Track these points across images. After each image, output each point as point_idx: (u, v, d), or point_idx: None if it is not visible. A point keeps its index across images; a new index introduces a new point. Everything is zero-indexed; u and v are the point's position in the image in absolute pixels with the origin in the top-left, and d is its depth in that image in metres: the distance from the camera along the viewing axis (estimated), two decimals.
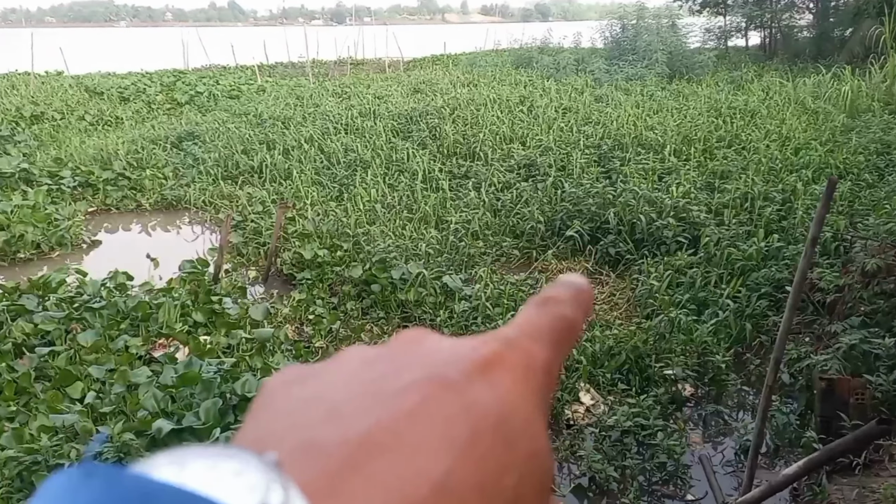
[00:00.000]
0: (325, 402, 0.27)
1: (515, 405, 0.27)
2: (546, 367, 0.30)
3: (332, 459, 0.24)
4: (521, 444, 0.26)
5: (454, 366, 0.27)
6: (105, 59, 31.81)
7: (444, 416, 0.25)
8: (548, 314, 0.32)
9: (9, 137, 13.30)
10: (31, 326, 5.35)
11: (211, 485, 0.20)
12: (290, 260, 7.37)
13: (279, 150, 11.68)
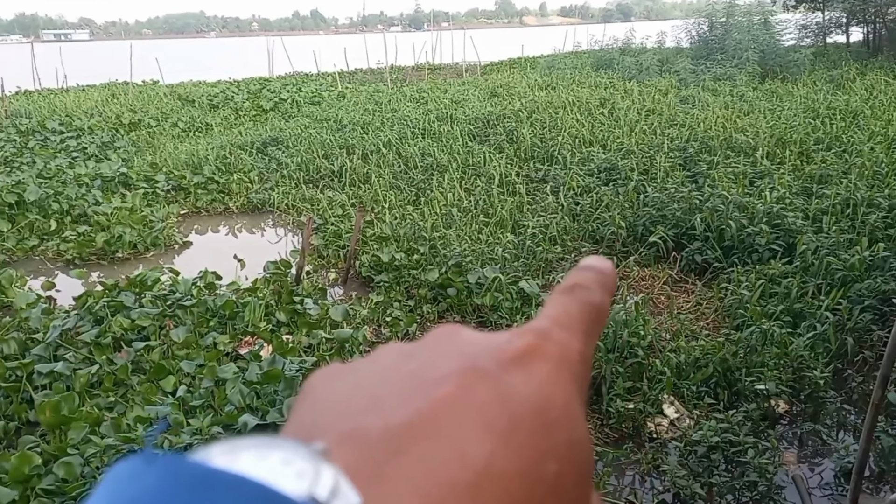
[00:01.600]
0: (365, 393, 0.28)
1: (553, 394, 0.27)
2: (581, 356, 0.30)
3: (376, 446, 0.24)
4: (561, 432, 0.26)
5: (490, 356, 0.28)
6: (196, 69, 33.29)
7: (482, 404, 0.26)
8: (577, 302, 0.32)
9: (110, 143, 14.10)
10: (128, 322, 5.61)
11: (262, 472, 0.21)
12: (368, 263, 7.46)
13: (358, 155, 11.88)
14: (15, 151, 13.06)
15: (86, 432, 4.06)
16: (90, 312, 5.84)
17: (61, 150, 13.37)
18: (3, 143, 13.72)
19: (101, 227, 8.86)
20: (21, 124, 15.36)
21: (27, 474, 3.63)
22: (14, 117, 16.33)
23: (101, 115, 16.78)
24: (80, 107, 17.91)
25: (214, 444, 0.23)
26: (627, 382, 4.92)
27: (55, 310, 6.25)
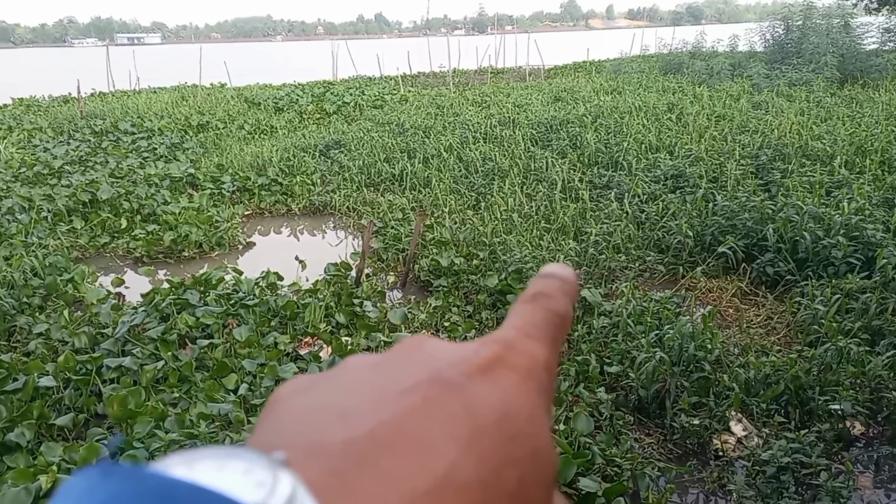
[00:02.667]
0: (331, 406, 0.28)
1: (518, 403, 0.28)
2: (546, 365, 0.30)
3: (338, 457, 0.25)
4: (524, 440, 0.27)
5: (456, 368, 0.28)
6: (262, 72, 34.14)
7: (447, 415, 0.26)
8: (541, 310, 0.32)
9: (179, 144, 14.54)
10: (193, 319, 5.74)
11: (220, 482, 0.22)
12: (427, 267, 7.44)
13: (419, 159, 11.90)
14: (89, 151, 13.60)
15: (151, 426, 4.15)
16: (157, 309, 5.99)
17: (133, 151, 13.85)
18: (78, 143, 14.32)
19: (168, 227, 9.12)
20: (95, 125, 16.00)
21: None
22: (89, 118, 17.03)
23: (171, 117, 17.33)
24: (151, 108, 18.54)
25: (173, 455, 0.23)
26: (693, 397, 4.75)
27: (124, 306, 6.45)
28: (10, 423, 4.17)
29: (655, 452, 4.48)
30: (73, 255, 8.39)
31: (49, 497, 3.46)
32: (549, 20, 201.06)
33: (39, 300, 6.60)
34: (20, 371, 4.85)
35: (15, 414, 4.30)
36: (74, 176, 11.19)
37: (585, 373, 5.04)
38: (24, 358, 5.28)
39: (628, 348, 5.33)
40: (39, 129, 15.97)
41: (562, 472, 3.64)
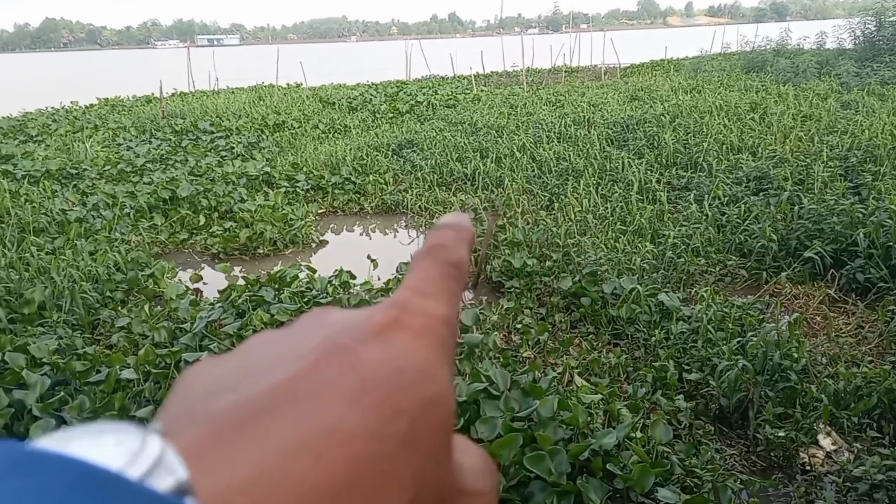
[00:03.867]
0: (226, 379, 0.29)
1: (409, 359, 0.28)
2: (444, 319, 0.30)
3: (219, 421, 0.25)
4: (415, 391, 0.27)
5: (348, 332, 0.29)
6: (337, 72, 34.77)
7: (335, 375, 0.27)
8: (436, 265, 0.32)
9: (255, 144, 14.93)
10: (268, 316, 5.82)
11: (88, 452, 0.22)
12: (499, 268, 7.35)
13: (491, 158, 11.82)
14: (170, 150, 14.12)
15: None
16: (233, 305, 6.12)
17: (211, 150, 14.31)
18: (159, 142, 14.90)
19: (244, 224, 9.34)
20: (176, 124, 16.63)
21: None
22: (170, 118, 17.71)
23: (248, 117, 17.83)
24: (229, 108, 19.13)
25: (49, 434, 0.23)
26: (778, 408, 4.50)
27: (202, 301, 6.63)
28: (94, 414, 4.32)
29: (738, 464, 4.27)
30: (153, 250, 8.70)
31: None
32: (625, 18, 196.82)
33: (122, 294, 6.87)
34: (103, 363, 5.03)
35: (98, 405, 4.46)
36: (156, 174, 11.63)
37: (663, 379, 4.85)
38: (106, 350, 5.48)
39: (708, 355, 5.10)
40: (123, 129, 16.71)
41: (639, 481, 3.49)
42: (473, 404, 4.04)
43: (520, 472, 3.54)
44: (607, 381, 5.03)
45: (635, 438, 3.98)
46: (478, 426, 3.82)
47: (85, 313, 6.28)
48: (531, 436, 3.72)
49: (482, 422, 3.83)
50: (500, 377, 4.22)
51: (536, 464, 3.48)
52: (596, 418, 4.25)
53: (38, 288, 6.20)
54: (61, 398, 4.49)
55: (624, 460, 3.74)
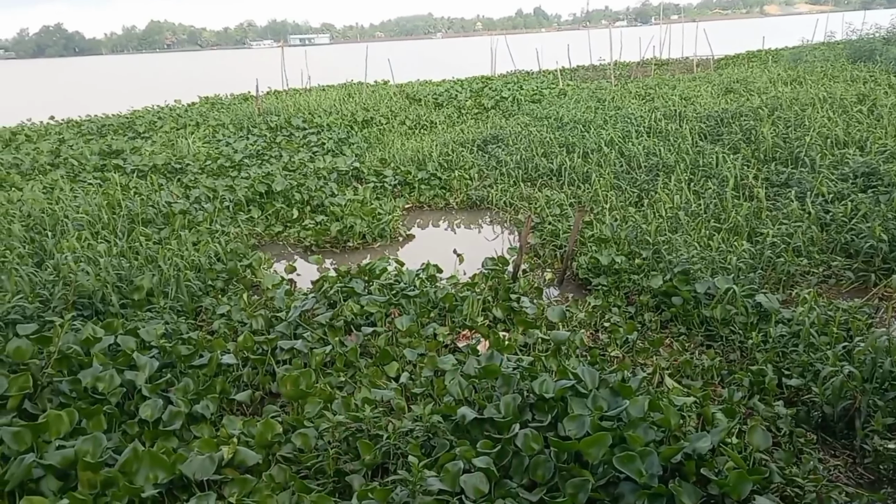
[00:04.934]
0: None
1: None
2: None
3: None
4: None
5: None
6: (423, 69, 35.06)
7: None
8: None
9: (345, 140, 15.29)
10: (358, 307, 5.98)
11: None
12: (585, 264, 7.25)
13: (578, 154, 11.65)
14: (265, 146, 14.66)
15: (320, 407, 4.36)
16: (325, 296, 6.31)
17: (303, 146, 14.75)
18: (255, 138, 15.48)
19: (335, 218, 9.60)
20: (271, 121, 17.24)
21: (270, 441, 3.98)
22: (265, 115, 18.36)
23: (338, 114, 18.27)
24: (320, 105, 19.64)
25: None
26: (888, 418, 4.23)
27: (295, 291, 6.86)
28: (197, 396, 4.57)
29: (843, 476, 4.05)
30: (250, 242, 9.09)
31: (230, 466, 3.73)
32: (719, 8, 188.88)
33: (222, 283, 7.21)
34: (205, 348, 5.31)
35: (201, 388, 4.72)
36: (252, 169, 12.12)
37: (761, 384, 4.66)
38: (208, 336, 5.78)
39: (811, 360, 4.86)
40: (222, 125, 17.46)
41: (735, 487, 3.37)
42: (560, 401, 4.01)
43: (608, 471, 3.49)
44: (700, 384, 4.88)
45: (731, 444, 3.85)
46: (565, 423, 3.79)
47: (189, 300, 6.64)
48: (620, 435, 3.66)
49: (570, 419, 3.80)
50: (588, 375, 4.17)
51: (626, 464, 3.42)
52: (688, 421, 4.14)
53: (146, 275, 6.60)
54: (168, 380, 4.78)
55: (719, 466, 3.62)
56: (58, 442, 3.81)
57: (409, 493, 3.38)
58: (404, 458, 3.79)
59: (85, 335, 5.02)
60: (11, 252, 7.11)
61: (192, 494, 3.58)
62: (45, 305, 5.88)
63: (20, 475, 3.51)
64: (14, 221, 8.31)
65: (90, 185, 11.00)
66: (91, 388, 4.43)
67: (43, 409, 4.26)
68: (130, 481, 3.50)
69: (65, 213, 8.77)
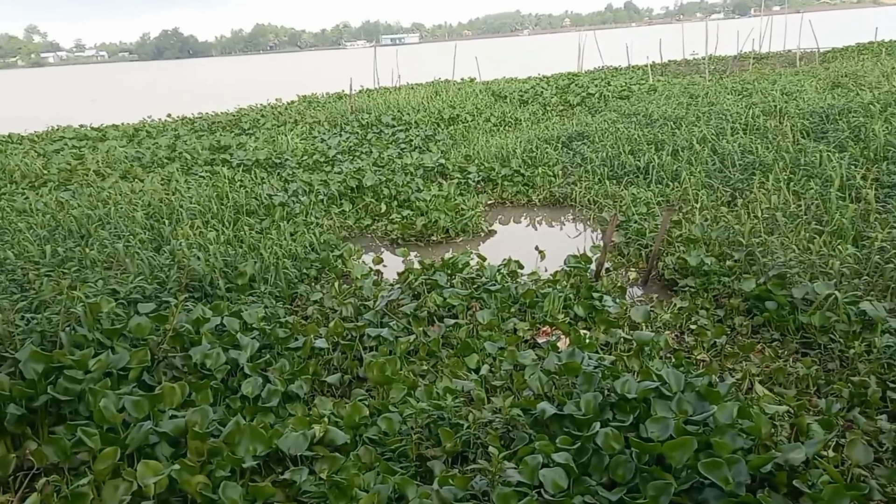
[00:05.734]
0: None
1: None
2: None
3: None
4: None
5: None
6: (509, 66, 34.99)
7: None
8: None
9: (431, 137, 15.51)
10: (440, 300, 6.10)
11: None
12: (672, 265, 7.10)
13: (667, 151, 11.37)
14: (357, 142, 15.07)
15: (403, 394, 4.51)
16: (410, 287, 6.47)
17: (392, 142, 15.07)
18: (348, 135, 15.94)
19: (420, 212, 9.81)
20: (362, 119, 17.68)
21: (357, 423, 4.15)
22: (357, 113, 18.84)
23: (426, 111, 18.52)
24: (409, 103, 19.96)
25: None
26: None
27: (382, 282, 7.08)
28: (292, 376, 4.83)
29: None
30: (342, 234, 9.43)
31: (321, 444, 3.91)
32: None
33: (315, 272, 7.54)
34: (300, 332, 5.60)
35: (296, 369, 4.98)
36: (345, 164, 12.51)
37: (862, 396, 4.44)
38: (303, 321, 6.08)
39: None
40: (318, 123, 18.07)
41: (831, 502, 3.24)
42: (643, 402, 3.97)
43: (692, 476, 3.44)
44: (794, 393, 4.69)
45: (827, 457, 3.70)
46: (648, 425, 3.75)
47: (286, 287, 7.00)
48: (706, 441, 3.58)
49: (653, 421, 3.76)
50: (673, 377, 4.11)
51: (712, 470, 3.35)
52: (780, 431, 4.00)
53: (249, 262, 7.01)
54: (267, 360, 5.09)
55: (813, 479, 3.48)
56: (171, 412, 4.15)
57: (488, 482, 3.45)
58: (484, 448, 3.86)
59: (196, 315, 5.43)
60: (134, 237, 7.68)
61: (286, 468, 3.80)
62: (161, 287, 6.37)
63: (139, 440, 3.84)
64: (136, 210, 8.98)
65: (201, 178, 11.69)
66: (200, 364, 4.78)
67: (158, 382, 4.66)
68: (233, 452, 3.76)
69: (179, 202, 9.41)
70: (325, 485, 3.53)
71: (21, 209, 9.64)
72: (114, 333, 4.97)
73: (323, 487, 3.54)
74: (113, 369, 4.56)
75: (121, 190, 10.47)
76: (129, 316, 5.41)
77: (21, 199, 10.29)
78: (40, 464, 3.84)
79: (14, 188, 11.75)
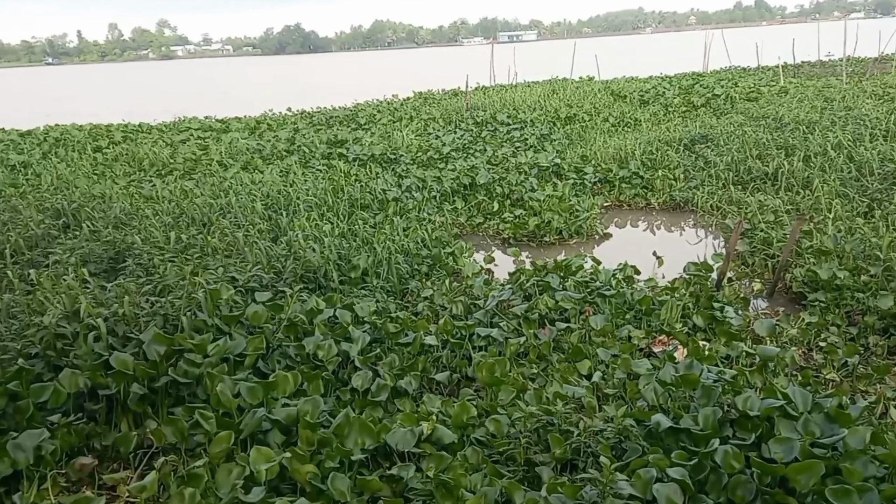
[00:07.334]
0: None
1: None
2: None
3: None
4: None
5: None
6: (630, 65, 34.09)
7: None
8: None
9: (547, 136, 15.37)
10: (552, 302, 6.04)
11: None
12: (801, 277, 6.69)
13: (799, 157, 10.73)
14: (471, 140, 15.16)
15: (512, 396, 4.50)
16: (521, 288, 6.45)
17: (507, 141, 15.05)
18: (462, 132, 16.05)
19: (533, 212, 9.75)
20: (477, 116, 17.77)
21: (465, 422, 4.17)
22: (472, 110, 18.95)
23: (542, 109, 18.37)
24: (524, 101, 19.86)
25: None
26: None
27: (493, 281, 7.09)
28: (401, 372, 4.92)
29: None
30: (453, 231, 9.50)
31: (428, 441, 3.98)
32: None
33: (426, 268, 7.65)
34: (410, 328, 5.69)
35: (405, 364, 5.07)
36: (458, 161, 12.63)
37: None
38: (413, 317, 6.16)
39: None
40: (433, 119, 18.31)
41: None
42: (766, 421, 3.78)
43: (818, 502, 3.25)
44: None
45: None
46: (770, 445, 3.57)
47: (397, 282, 7.14)
48: (835, 466, 3.37)
49: (776, 441, 3.58)
50: (800, 396, 3.88)
51: (841, 498, 3.15)
52: None
53: (362, 256, 7.20)
54: (377, 354, 5.20)
55: None
56: (283, 400, 4.30)
57: (598, 493, 3.39)
58: (594, 458, 3.80)
59: (310, 306, 5.62)
60: (253, 227, 8.09)
61: (393, 463, 3.86)
62: (277, 276, 6.59)
63: (253, 426, 4.01)
64: (256, 200, 9.41)
65: (318, 171, 12.14)
66: (313, 354, 4.95)
67: (272, 369, 4.81)
68: (342, 444, 3.83)
69: (297, 195, 9.75)
70: (431, 483, 3.55)
71: (148, 196, 10.18)
72: (232, 320, 5.14)
73: (430, 486, 3.56)
74: (230, 355, 4.73)
75: (241, 181, 10.91)
76: (247, 303, 5.57)
77: (149, 187, 10.92)
78: (159, 443, 4.03)
79: (143, 175, 12.53)
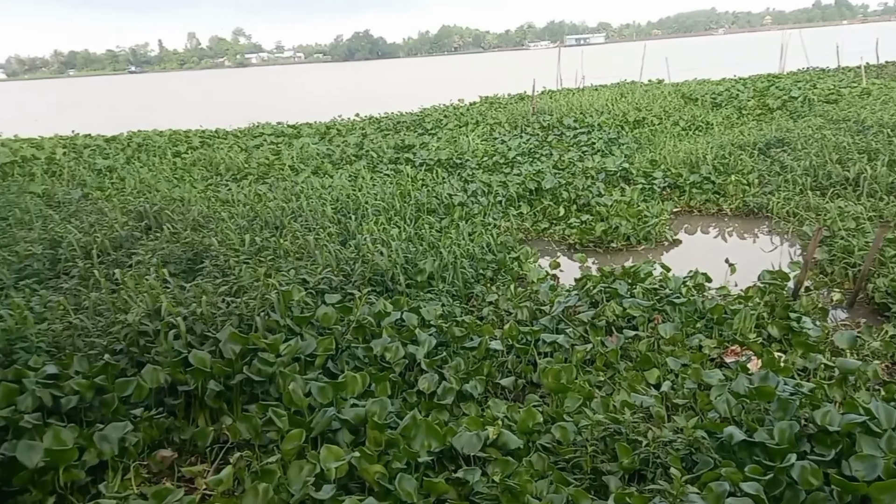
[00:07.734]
0: None
1: None
2: None
3: None
4: None
5: None
6: (701, 67, 33.24)
7: None
8: None
9: (615, 140, 15.13)
10: (620, 309, 5.94)
11: None
12: (884, 287, 6.39)
13: (883, 162, 10.25)
14: (537, 144, 15.06)
15: (579, 404, 4.44)
16: (588, 295, 6.37)
17: (573, 145, 14.89)
18: (528, 136, 15.96)
19: (600, 218, 9.62)
20: (544, 121, 17.64)
21: (531, 428, 4.15)
22: (539, 114, 18.82)
23: (610, 113, 18.08)
24: (592, 105, 19.59)
25: None
26: None
27: (559, 287, 7.03)
28: (467, 376, 4.93)
29: None
30: (519, 236, 9.49)
31: (494, 446, 3.98)
32: None
33: (492, 273, 7.66)
34: (476, 332, 5.70)
35: (470, 368, 5.08)
36: (524, 166, 12.58)
37: None
38: (478, 321, 6.18)
39: None
40: (499, 124, 18.30)
41: None
42: (847, 437, 3.63)
43: None
44: None
45: None
46: (851, 462, 3.43)
47: (462, 286, 7.17)
48: None
49: (857, 458, 3.43)
50: (883, 412, 3.72)
51: None
52: None
53: (428, 260, 7.24)
54: (443, 357, 5.24)
55: None
56: (352, 400, 4.39)
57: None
58: (663, 469, 3.72)
59: (378, 309, 5.72)
60: (323, 231, 8.27)
61: (458, 466, 3.87)
62: (346, 279, 6.72)
63: (323, 425, 4.11)
64: (326, 204, 9.63)
65: (386, 176, 12.33)
66: (380, 356, 5.04)
67: (341, 370, 4.93)
68: (409, 445, 3.87)
69: (365, 199, 9.91)
70: (497, 488, 3.54)
71: (224, 199, 10.54)
72: (303, 321, 5.30)
73: (496, 490, 3.55)
74: (301, 355, 4.88)
75: (312, 185, 11.18)
76: (317, 305, 5.74)
77: (224, 191, 11.33)
78: (234, 438, 4.19)
79: (219, 179, 13.02)
